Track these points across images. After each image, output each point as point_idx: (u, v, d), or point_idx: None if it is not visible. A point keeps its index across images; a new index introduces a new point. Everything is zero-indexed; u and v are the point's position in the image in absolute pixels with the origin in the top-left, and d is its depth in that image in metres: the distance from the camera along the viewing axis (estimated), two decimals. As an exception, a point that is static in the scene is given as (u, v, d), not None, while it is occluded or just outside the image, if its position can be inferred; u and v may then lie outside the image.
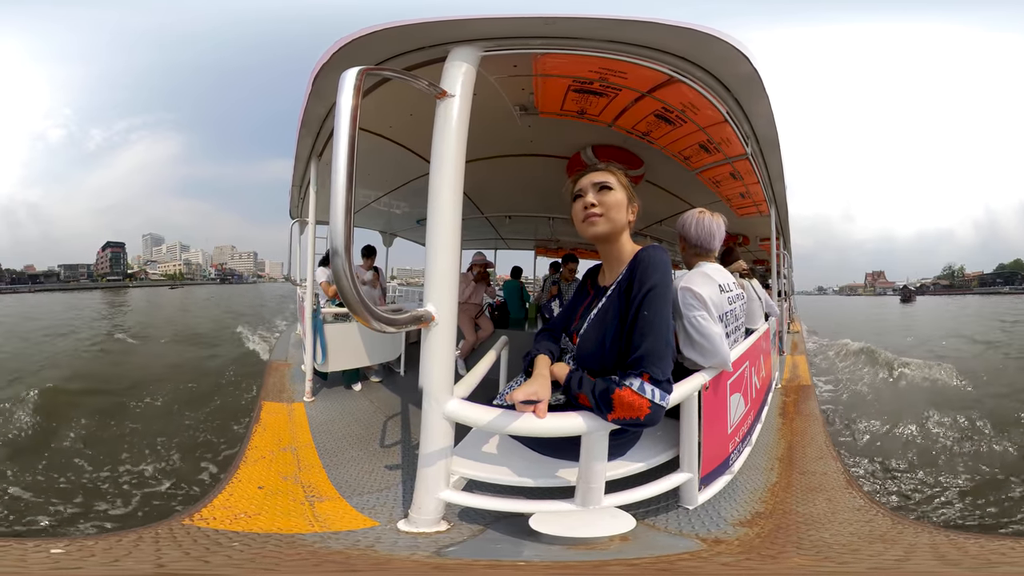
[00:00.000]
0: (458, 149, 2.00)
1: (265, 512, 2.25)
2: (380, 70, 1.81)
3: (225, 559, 1.74)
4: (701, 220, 2.57)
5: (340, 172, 1.49)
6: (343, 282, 1.52)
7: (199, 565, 1.68)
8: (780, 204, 5.42)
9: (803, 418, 3.86)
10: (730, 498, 2.31)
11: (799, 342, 8.58)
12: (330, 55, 2.32)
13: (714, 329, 2.13)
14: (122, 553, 1.71)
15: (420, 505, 1.95)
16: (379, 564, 1.72)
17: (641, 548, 1.80)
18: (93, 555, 1.67)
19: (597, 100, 3.26)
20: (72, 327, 18.78)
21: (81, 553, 1.68)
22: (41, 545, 1.72)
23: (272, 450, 3.10)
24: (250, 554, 1.80)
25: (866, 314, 38.06)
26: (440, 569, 1.68)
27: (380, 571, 1.70)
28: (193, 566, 1.67)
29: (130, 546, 1.77)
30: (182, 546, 1.81)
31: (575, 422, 1.74)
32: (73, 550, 1.70)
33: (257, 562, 1.76)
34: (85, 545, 1.77)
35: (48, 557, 1.61)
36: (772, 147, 3.77)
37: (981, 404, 7.15)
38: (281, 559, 1.79)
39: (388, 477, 2.69)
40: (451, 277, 2.00)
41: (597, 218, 1.90)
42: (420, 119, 3.25)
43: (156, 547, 1.78)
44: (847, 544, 1.95)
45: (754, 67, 2.52)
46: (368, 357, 4.89)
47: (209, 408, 6.65)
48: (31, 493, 4.13)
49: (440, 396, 1.94)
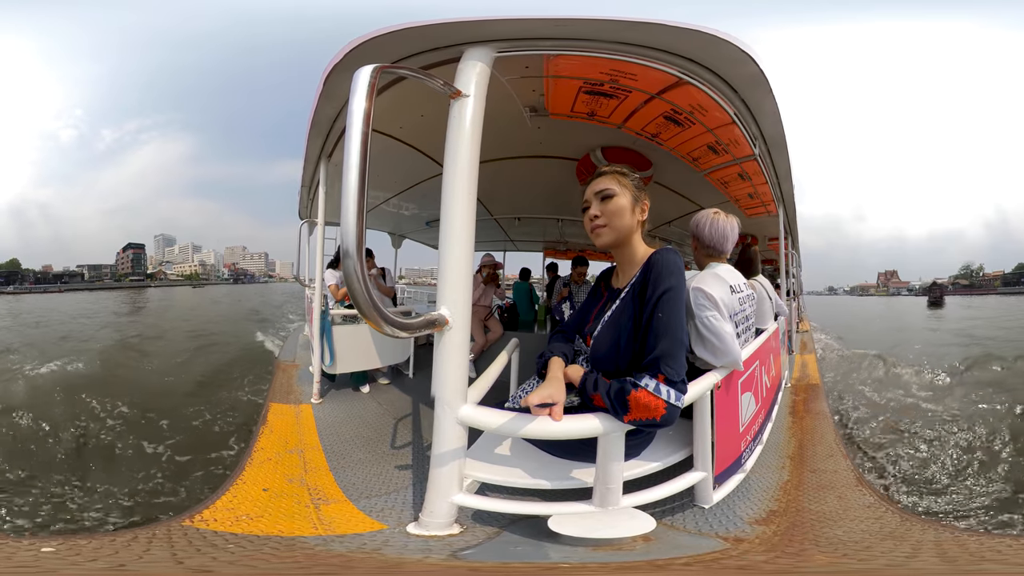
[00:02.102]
0: (472, 149, 1.99)
1: (268, 514, 2.24)
2: (395, 68, 1.79)
3: (210, 560, 1.71)
4: (716, 221, 2.56)
5: (352, 173, 1.46)
6: (355, 284, 1.48)
7: (173, 566, 1.64)
8: (788, 204, 5.41)
9: (813, 416, 3.86)
10: (744, 496, 2.30)
11: (808, 341, 8.54)
12: (343, 55, 2.33)
13: (725, 329, 2.12)
14: (108, 553, 1.69)
15: (432, 508, 1.94)
16: (389, 566, 1.71)
17: (666, 548, 1.79)
18: (79, 555, 1.64)
19: (607, 102, 3.26)
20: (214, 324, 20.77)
21: (69, 552, 1.65)
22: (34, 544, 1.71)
23: (278, 452, 3.09)
24: (243, 556, 1.77)
25: (888, 319, 31.27)
26: (476, 571, 1.67)
27: (394, 573, 1.68)
28: (170, 568, 1.64)
29: (120, 546, 1.76)
30: (174, 547, 1.78)
31: (591, 424, 1.73)
32: (63, 549, 1.68)
33: (244, 564, 1.72)
34: (77, 544, 1.75)
35: (35, 556, 1.59)
36: (780, 147, 3.76)
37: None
38: (280, 561, 1.76)
39: (396, 480, 2.67)
40: (465, 280, 1.99)
41: (601, 229, 1.92)
42: (431, 120, 3.25)
43: (147, 548, 1.75)
44: (859, 541, 1.95)
45: (760, 68, 2.52)
46: (377, 359, 4.88)
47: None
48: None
49: (453, 401, 1.93)
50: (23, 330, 18.69)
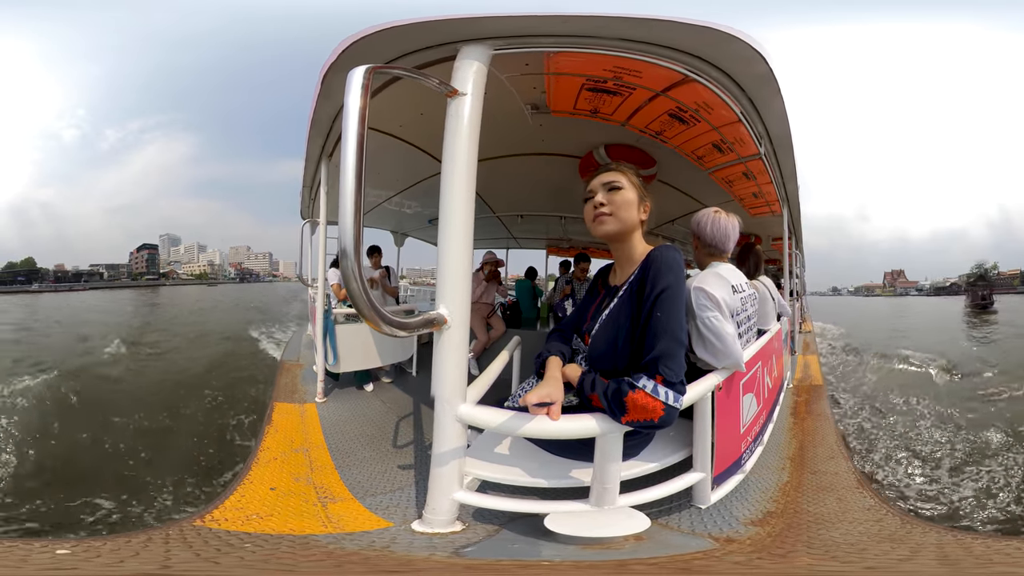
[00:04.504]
0: (470, 148, 1.98)
1: (277, 513, 2.25)
2: (389, 68, 1.78)
3: (237, 560, 1.74)
4: (717, 220, 2.54)
5: (349, 173, 1.47)
6: (352, 285, 1.49)
7: (210, 566, 1.67)
8: (792, 203, 5.37)
9: (814, 418, 3.84)
10: (742, 497, 2.30)
11: (811, 342, 8.50)
12: (338, 54, 2.31)
13: (727, 330, 2.11)
14: (129, 554, 1.71)
15: (434, 506, 1.95)
16: (401, 564, 1.72)
17: (656, 547, 1.79)
18: (99, 555, 1.67)
19: (611, 99, 3.24)
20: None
21: (88, 554, 1.68)
22: (47, 546, 1.72)
23: (284, 451, 3.11)
24: (263, 555, 1.80)
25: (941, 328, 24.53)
26: (471, 569, 1.69)
27: (405, 571, 1.70)
28: (203, 567, 1.67)
29: (139, 547, 1.78)
30: (192, 547, 1.81)
31: (589, 424, 1.73)
32: (80, 551, 1.70)
33: (271, 563, 1.76)
34: (93, 546, 1.77)
35: (52, 558, 1.61)
36: (785, 147, 3.73)
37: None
38: (297, 560, 1.79)
39: (401, 478, 2.69)
40: (464, 279, 1.99)
41: (606, 217, 1.89)
42: (431, 118, 3.25)
43: (166, 548, 1.78)
44: (855, 544, 1.94)
45: (769, 67, 2.49)
46: (380, 358, 4.89)
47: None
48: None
49: (453, 399, 1.94)
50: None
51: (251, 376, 9.51)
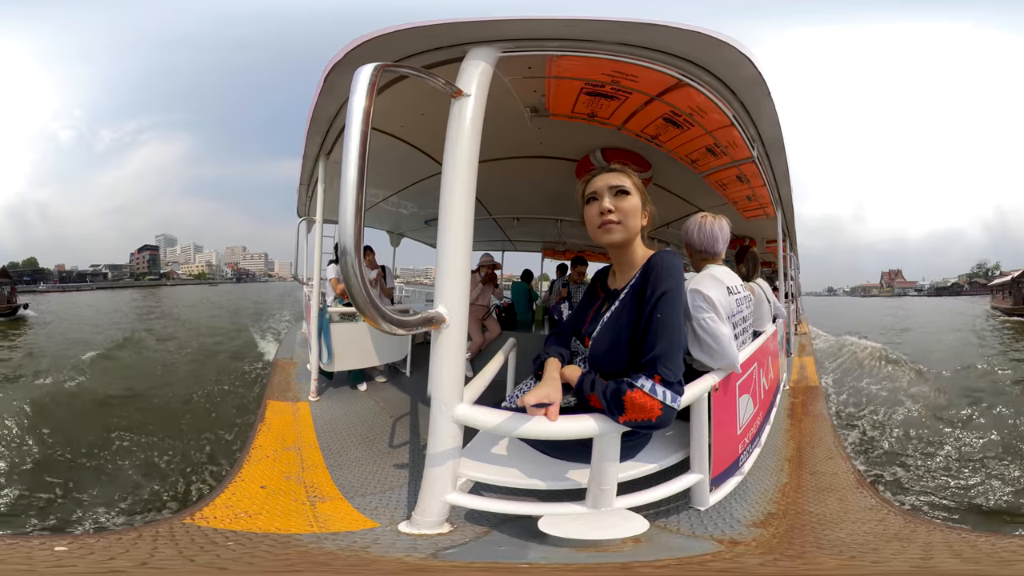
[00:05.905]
0: (472, 149, 1.99)
1: (266, 512, 2.24)
2: (397, 67, 1.78)
3: (213, 558, 1.73)
4: (703, 225, 2.59)
5: (351, 170, 1.46)
6: (352, 282, 1.48)
7: (184, 563, 1.67)
8: (786, 206, 5.42)
9: (811, 419, 3.86)
10: (741, 499, 2.30)
11: (806, 343, 8.54)
12: (344, 53, 2.32)
13: (722, 331, 2.12)
14: (120, 551, 1.70)
15: (424, 507, 1.94)
16: (360, 565, 1.72)
17: (657, 550, 1.79)
18: (92, 552, 1.67)
19: (608, 103, 3.26)
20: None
21: (82, 551, 1.68)
22: (46, 543, 1.72)
23: (276, 449, 3.10)
24: (241, 553, 1.79)
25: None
26: (423, 571, 1.67)
27: (360, 572, 1.69)
28: (181, 564, 1.66)
29: (128, 544, 1.77)
30: (178, 544, 1.80)
31: (587, 424, 1.73)
32: (75, 547, 1.70)
33: (241, 562, 1.74)
34: (87, 543, 1.78)
35: (52, 555, 1.61)
36: (777, 149, 3.77)
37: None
38: (271, 559, 1.78)
39: (392, 478, 2.68)
40: (463, 278, 1.99)
41: (615, 226, 1.86)
42: (431, 119, 3.25)
43: (153, 545, 1.77)
44: (863, 543, 1.94)
45: (758, 70, 2.53)
46: (374, 357, 4.88)
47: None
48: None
49: (449, 399, 1.93)
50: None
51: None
